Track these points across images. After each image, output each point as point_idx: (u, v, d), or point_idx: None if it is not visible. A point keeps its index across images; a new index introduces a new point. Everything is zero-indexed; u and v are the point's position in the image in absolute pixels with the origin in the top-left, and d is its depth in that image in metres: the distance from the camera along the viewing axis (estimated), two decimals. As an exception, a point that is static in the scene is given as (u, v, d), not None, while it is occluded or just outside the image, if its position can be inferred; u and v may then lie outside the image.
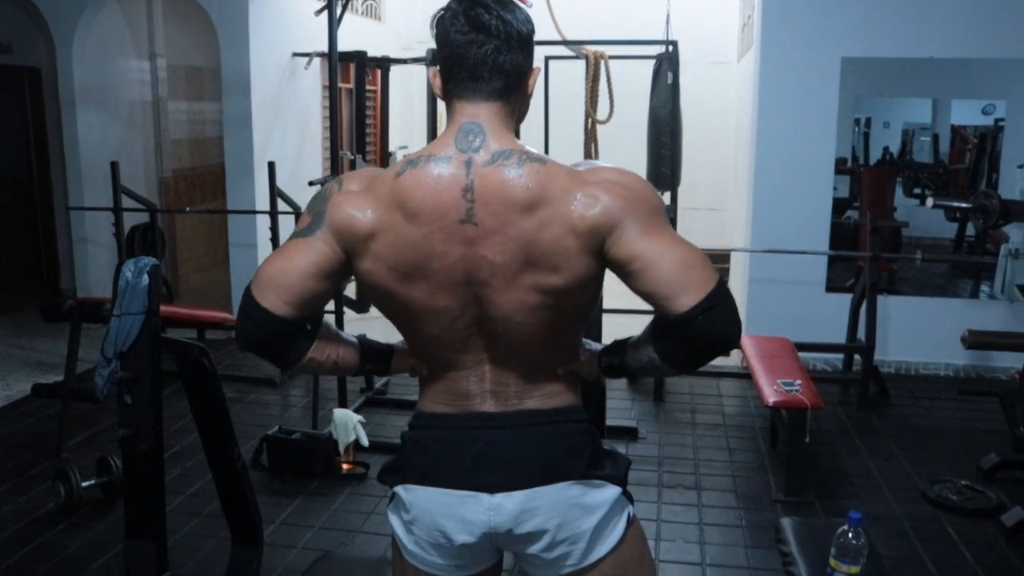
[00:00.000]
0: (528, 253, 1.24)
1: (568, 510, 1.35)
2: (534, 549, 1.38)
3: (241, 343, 1.36)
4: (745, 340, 4.43)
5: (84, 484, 3.26)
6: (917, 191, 10.19)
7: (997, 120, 9.98)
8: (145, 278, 2.09)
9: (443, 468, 1.36)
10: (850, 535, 1.85)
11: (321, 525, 3.25)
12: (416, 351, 1.43)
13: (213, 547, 3.02)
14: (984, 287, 7.55)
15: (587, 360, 1.45)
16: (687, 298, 1.23)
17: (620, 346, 1.44)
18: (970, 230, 8.65)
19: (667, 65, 6.50)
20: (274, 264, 1.33)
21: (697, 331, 1.25)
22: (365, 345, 1.49)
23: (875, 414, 4.57)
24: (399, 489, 1.41)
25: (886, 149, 10.29)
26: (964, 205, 4.02)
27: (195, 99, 7.67)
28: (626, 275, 1.27)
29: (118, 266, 2.15)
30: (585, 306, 1.34)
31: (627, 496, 1.43)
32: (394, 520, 1.45)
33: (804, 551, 2.22)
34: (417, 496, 1.38)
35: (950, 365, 5.31)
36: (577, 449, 1.37)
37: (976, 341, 4.02)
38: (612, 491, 1.38)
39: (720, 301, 1.24)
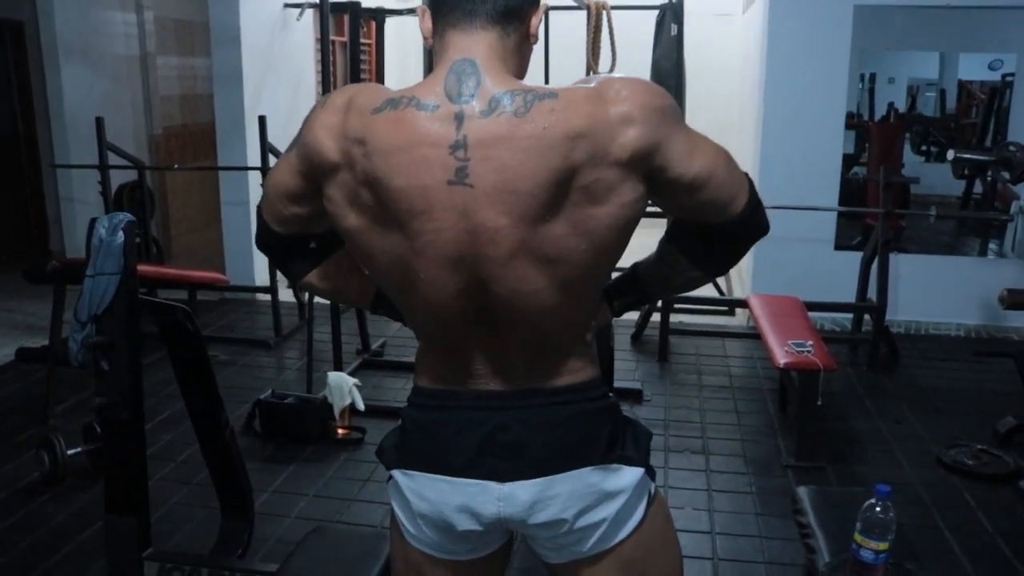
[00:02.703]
0: (551, 203, 1.08)
1: (587, 498, 1.22)
2: (547, 535, 1.25)
3: (256, 244, 1.39)
4: (752, 299, 4.30)
5: (70, 452, 3.14)
6: (925, 148, 10.01)
7: (1004, 75, 9.76)
8: (120, 235, 1.94)
9: (447, 454, 1.23)
10: (878, 509, 1.73)
11: (315, 493, 3.13)
12: (408, 321, 1.29)
13: (203, 517, 2.91)
14: (992, 245, 7.42)
15: (599, 311, 1.34)
16: (743, 196, 1.19)
17: (633, 281, 1.36)
18: (977, 187, 8.51)
19: (670, 16, 6.31)
20: (270, 174, 1.29)
21: (754, 225, 1.23)
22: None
23: (885, 375, 4.45)
24: (398, 473, 1.28)
25: (891, 105, 10.07)
26: (987, 158, 3.86)
27: (186, 54, 7.45)
28: (683, 192, 1.15)
29: (91, 223, 2.00)
30: (615, 252, 1.18)
31: (650, 473, 1.30)
32: (395, 501, 1.33)
33: (823, 523, 2.11)
34: (419, 483, 1.25)
35: (961, 325, 5.18)
36: (596, 430, 1.23)
37: (1015, 301, 3.85)
38: (635, 473, 1.25)
39: (754, 188, 1.23)
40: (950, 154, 3.85)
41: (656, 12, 6.29)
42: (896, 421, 3.84)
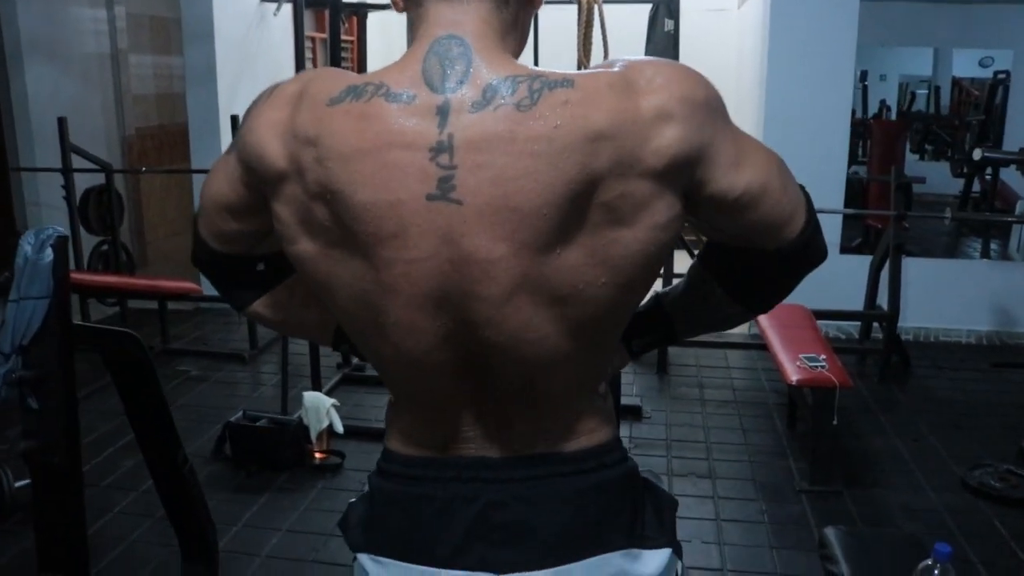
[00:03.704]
0: (563, 226, 0.83)
1: None
2: None
3: (193, 262, 1.12)
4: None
5: (18, 484, 2.86)
6: (926, 147, 9.80)
7: (996, 72, 9.58)
8: (48, 253, 1.67)
9: (427, 538, 0.97)
10: (936, 573, 1.48)
11: (289, 528, 2.86)
12: (376, 369, 1.03)
13: (165, 558, 2.63)
14: (993, 245, 7.21)
15: (615, 355, 1.10)
16: (800, 215, 0.95)
17: (657, 316, 1.11)
18: (976, 186, 8.30)
19: (664, 11, 6.07)
20: (207, 181, 1.03)
21: (812, 251, 0.97)
22: None
23: (898, 387, 4.21)
24: (365, 559, 1.02)
25: (883, 103, 9.90)
26: (1017, 157, 3.62)
27: (161, 52, 7.13)
28: (727, 211, 0.90)
29: (14, 239, 1.73)
30: (643, 287, 0.93)
31: (677, 552, 1.05)
32: None
33: (858, 571, 1.87)
34: (392, 574, 0.99)
35: (972, 331, 4.96)
36: (617, 505, 0.98)
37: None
38: (662, 555, 1.00)
39: (812, 205, 0.98)
40: (977, 153, 3.62)
41: (649, 7, 6.08)
42: (913, 438, 3.60)
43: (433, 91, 0.84)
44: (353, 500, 1.11)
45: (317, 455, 3.28)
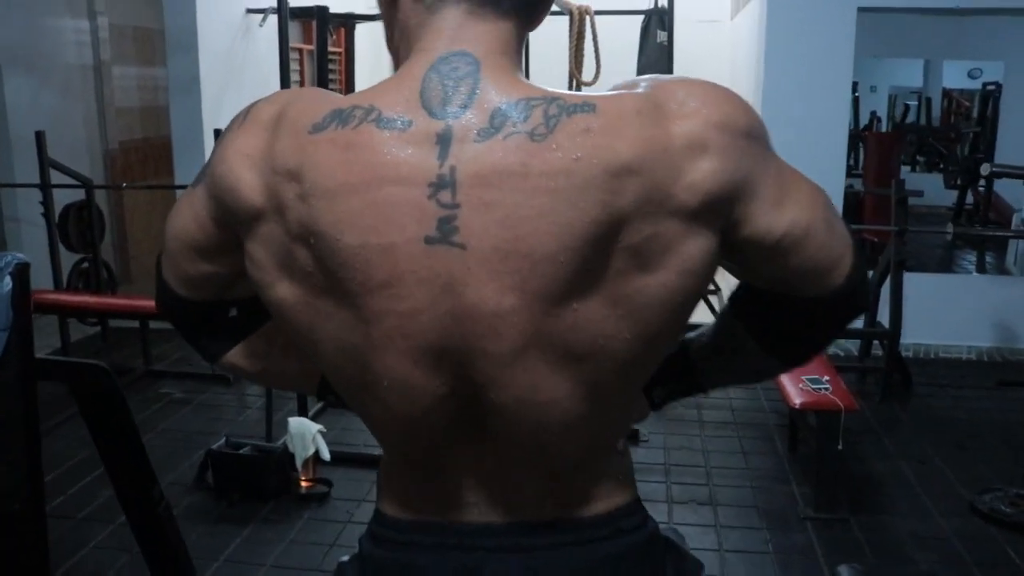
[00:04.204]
0: (582, 273, 0.72)
1: None
2: None
3: (157, 310, 0.99)
4: (757, 327, 3.94)
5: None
6: (919, 159, 9.75)
7: (985, 84, 9.57)
8: (7, 282, 1.54)
9: None
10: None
11: (274, 562, 2.73)
12: (370, 430, 0.91)
13: (142, 596, 2.50)
14: (988, 258, 7.14)
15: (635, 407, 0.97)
16: (847, 260, 0.82)
17: (682, 365, 0.98)
18: (969, 198, 8.26)
19: (656, 22, 6.00)
20: (171, 217, 0.90)
21: (858, 299, 0.85)
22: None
23: (900, 406, 4.11)
24: None
25: (873, 114, 9.87)
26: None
27: (145, 63, 7.02)
28: (766, 254, 0.79)
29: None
30: (670, 340, 0.81)
31: None
32: None
33: (876, 616, 1.77)
34: None
35: (972, 347, 4.87)
36: None
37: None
38: None
39: (860, 248, 0.86)
40: (985, 168, 3.52)
41: (641, 18, 6.00)
42: (918, 460, 3.50)
43: (432, 116, 0.73)
44: (344, 559, 1.00)
45: (303, 484, 3.15)
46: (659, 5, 6.00)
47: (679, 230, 0.72)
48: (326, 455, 3.15)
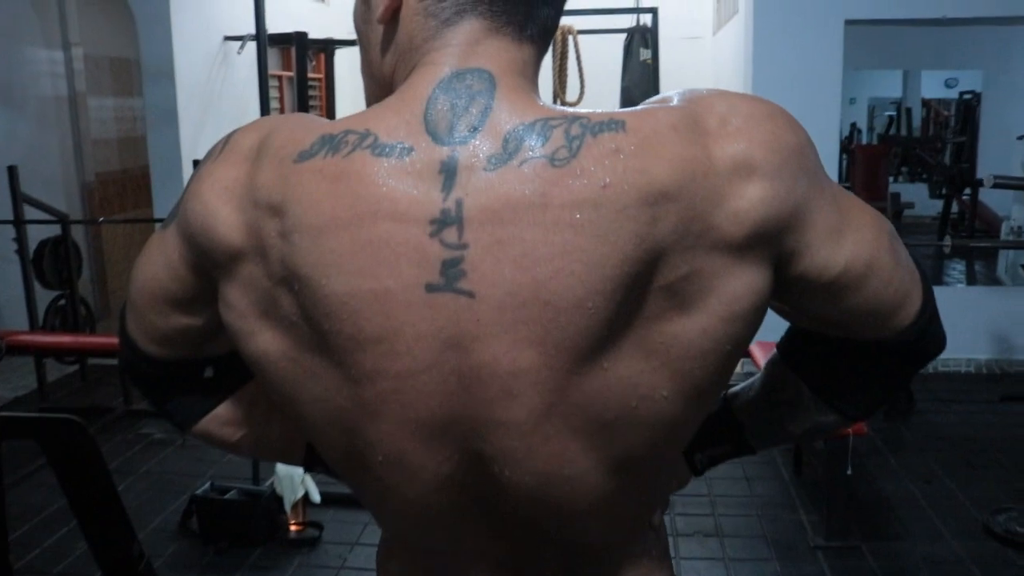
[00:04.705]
0: (613, 322, 0.62)
1: None
2: None
3: (122, 371, 0.78)
4: (754, 348, 3.84)
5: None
6: (904, 170, 9.73)
7: (961, 93, 9.61)
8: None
9: None
10: None
11: (263, 614, 2.61)
12: (364, 506, 0.80)
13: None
14: (976, 268, 7.10)
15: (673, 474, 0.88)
16: (915, 297, 0.73)
17: (726, 423, 0.87)
18: (953, 207, 8.24)
19: (639, 40, 5.95)
20: (137, 265, 0.79)
21: (929, 341, 0.75)
22: None
23: (904, 424, 4.02)
24: None
25: (853, 125, 9.87)
26: None
27: (123, 94, 6.91)
28: (821, 294, 0.69)
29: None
30: (713, 395, 0.70)
31: None
32: None
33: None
34: None
35: (972, 360, 4.79)
36: None
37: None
38: None
39: (928, 282, 0.75)
40: (989, 179, 3.45)
41: (624, 36, 5.95)
42: (926, 480, 3.40)
43: (436, 142, 0.63)
44: None
45: (293, 527, 3.02)
46: (641, 24, 5.97)
47: (723, 266, 0.63)
48: (316, 497, 3.02)
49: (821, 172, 0.68)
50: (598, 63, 6.12)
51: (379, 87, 0.74)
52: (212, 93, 5.39)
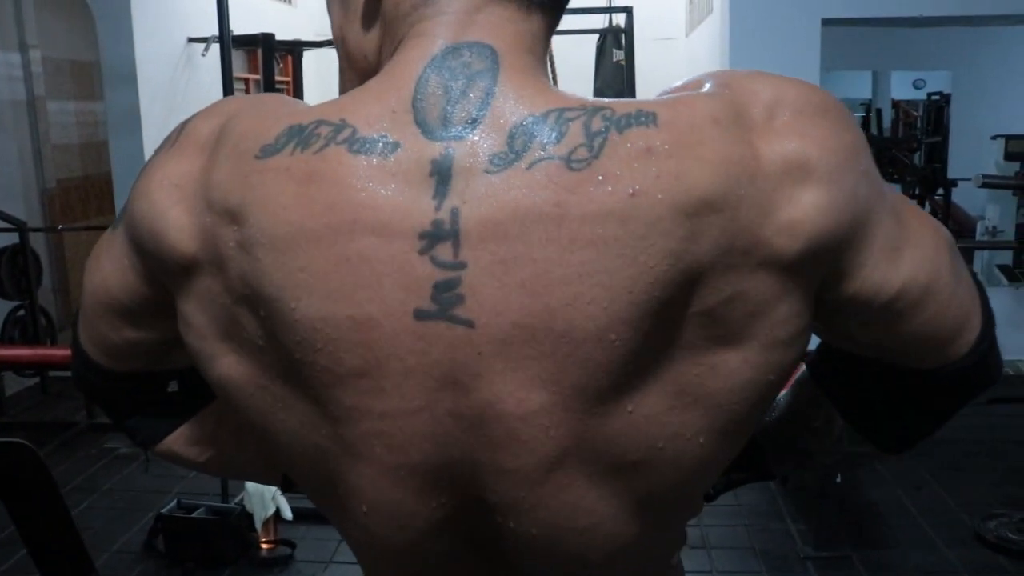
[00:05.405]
0: (639, 356, 0.52)
1: None
2: None
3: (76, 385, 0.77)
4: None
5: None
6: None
7: (929, 94, 9.68)
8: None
9: None
10: None
11: (234, 640, 2.48)
12: (351, 548, 0.69)
13: None
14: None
15: None
16: (974, 322, 0.62)
17: (748, 450, 0.76)
18: (925, 208, 8.27)
19: (611, 42, 5.90)
20: (88, 269, 0.69)
21: (985, 372, 0.63)
22: None
23: (887, 428, 3.96)
24: None
25: (825, 128, 9.92)
26: (1016, 182, 3.44)
27: (84, 98, 6.73)
28: (872, 318, 0.58)
29: None
30: (747, 435, 0.60)
31: None
32: None
33: None
34: None
35: (953, 362, 4.75)
36: None
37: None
38: None
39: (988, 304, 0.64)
40: (977, 178, 3.40)
41: (596, 37, 5.88)
42: (915, 486, 3.34)
43: (427, 136, 0.52)
44: None
45: (264, 546, 2.90)
46: (614, 24, 5.90)
47: (770, 287, 0.53)
48: (288, 514, 2.91)
49: (879, 176, 0.58)
50: (570, 64, 6.05)
51: (361, 78, 0.63)
52: (176, 97, 5.24)
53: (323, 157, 0.52)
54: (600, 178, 0.50)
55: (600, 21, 5.87)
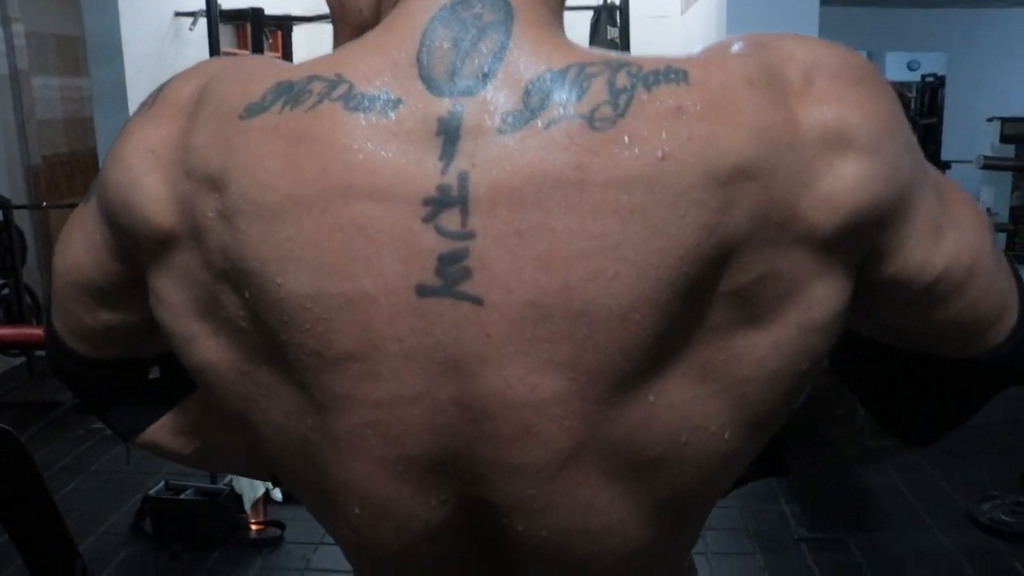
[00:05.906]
0: (663, 338, 0.47)
1: None
2: None
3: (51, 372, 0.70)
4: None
5: None
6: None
7: (923, 76, 9.65)
8: None
9: None
10: None
11: (223, 623, 2.45)
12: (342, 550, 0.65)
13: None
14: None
15: None
16: (1011, 309, 0.57)
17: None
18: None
19: (606, 18, 5.83)
20: (59, 246, 0.64)
21: (1022, 363, 0.59)
22: None
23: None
24: None
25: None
26: (1019, 164, 3.41)
27: (69, 73, 6.63)
28: (911, 302, 0.54)
29: None
30: (777, 426, 0.56)
31: None
32: None
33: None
34: None
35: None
36: None
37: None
38: None
39: None
40: (979, 160, 3.37)
41: (591, 13, 5.82)
42: (910, 469, 3.33)
43: (433, 92, 0.47)
44: None
45: (253, 527, 2.87)
46: (608, 1, 5.83)
47: (806, 265, 0.48)
48: (277, 495, 2.88)
49: (919, 149, 0.53)
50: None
51: (355, 34, 0.58)
52: (163, 72, 5.13)
53: (316, 115, 0.48)
54: (626, 139, 0.45)
55: (596, -5, 5.80)
